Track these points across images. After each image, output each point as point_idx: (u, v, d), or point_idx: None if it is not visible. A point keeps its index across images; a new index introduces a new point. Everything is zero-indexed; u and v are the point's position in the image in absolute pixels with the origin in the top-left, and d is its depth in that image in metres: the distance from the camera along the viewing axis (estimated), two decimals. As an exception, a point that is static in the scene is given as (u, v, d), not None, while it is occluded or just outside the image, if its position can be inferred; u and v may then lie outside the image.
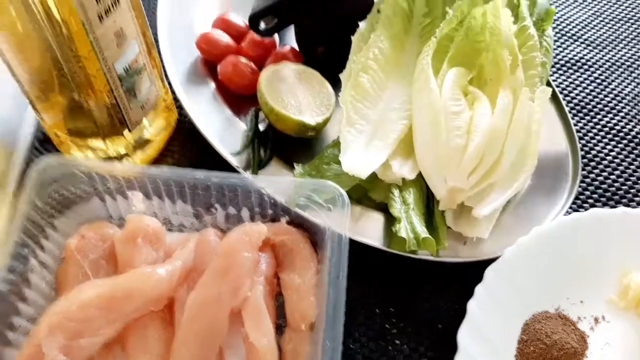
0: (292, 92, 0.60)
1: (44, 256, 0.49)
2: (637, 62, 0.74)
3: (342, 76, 0.59)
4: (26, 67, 0.50)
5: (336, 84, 0.60)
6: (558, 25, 0.78)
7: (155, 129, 0.61)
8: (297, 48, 0.67)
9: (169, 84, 0.62)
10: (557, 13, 0.80)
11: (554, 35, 0.74)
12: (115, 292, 0.46)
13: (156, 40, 0.64)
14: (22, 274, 0.46)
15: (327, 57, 0.65)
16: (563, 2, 0.82)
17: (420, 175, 0.55)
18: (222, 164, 0.57)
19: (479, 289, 0.48)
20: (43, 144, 0.62)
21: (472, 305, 0.48)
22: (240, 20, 0.69)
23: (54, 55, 0.47)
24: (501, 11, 0.57)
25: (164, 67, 0.62)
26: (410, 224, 0.50)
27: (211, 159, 0.60)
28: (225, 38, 0.66)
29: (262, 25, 0.62)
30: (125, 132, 0.55)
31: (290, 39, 0.69)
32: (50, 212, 0.50)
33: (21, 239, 0.47)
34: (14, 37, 0.47)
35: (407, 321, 0.53)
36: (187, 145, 0.63)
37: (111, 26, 0.46)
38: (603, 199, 0.62)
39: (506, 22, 0.57)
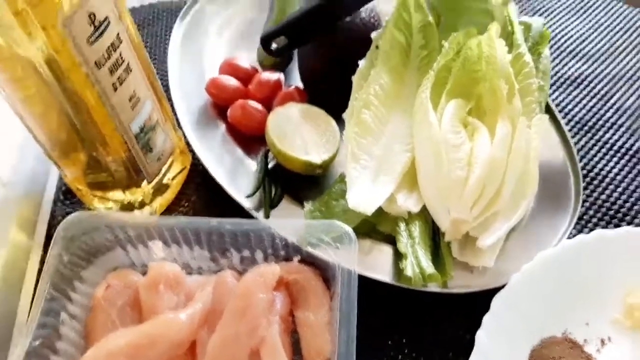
0: (298, 131, 0.62)
1: (73, 308, 0.52)
2: (636, 75, 0.75)
3: (344, 115, 0.61)
4: (45, 130, 0.53)
5: (341, 121, 0.63)
6: (556, 42, 0.79)
7: (171, 173, 0.64)
8: (301, 86, 0.70)
9: (181, 128, 0.65)
10: (553, 28, 0.81)
11: (552, 52, 0.75)
12: (140, 339, 0.49)
13: (167, 86, 0.67)
14: (54, 327, 0.50)
15: (331, 95, 0.67)
16: (559, 18, 0.83)
17: (425, 208, 0.57)
18: (235, 205, 0.59)
19: (486, 319, 0.50)
20: (67, 195, 0.66)
21: (480, 335, 0.49)
22: (247, 62, 0.72)
23: (70, 120, 0.50)
24: (495, 42, 0.59)
25: (175, 113, 0.65)
26: (416, 258, 0.52)
27: (225, 199, 0.63)
28: (233, 82, 0.69)
29: (274, 46, 0.65)
30: (144, 183, 0.58)
31: (295, 79, 0.72)
32: (77, 264, 0.53)
33: (51, 294, 0.50)
34: (33, 105, 0.50)
35: (419, 351, 0.54)
36: (201, 187, 0.66)
37: (125, 92, 0.50)
38: (606, 217, 0.63)
39: (501, 52, 0.59)
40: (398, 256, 0.55)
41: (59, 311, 0.50)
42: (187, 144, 0.67)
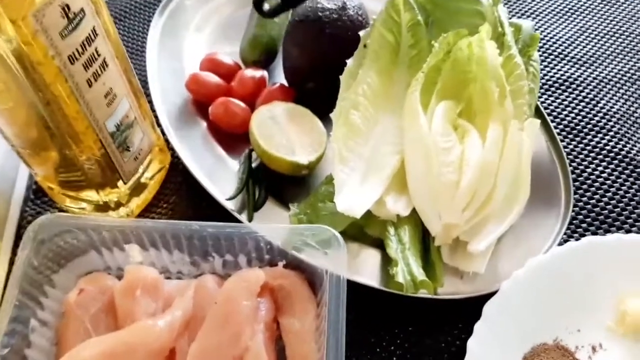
0: (284, 132, 0.60)
1: (44, 314, 0.49)
2: (624, 79, 0.75)
3: (332, 115, 0.59)
4: (14, 127, 0.50)
5: (327, 121, 0.61)
6: (544, 44, 0.79)
7: (149, 172, 0.61)
8: (286, 84, 0.68)
9: (160, 126, 0.62)
10: (541, 31, 0.81)
11: (540, 55, 0.74)
12: (116, 348, 0.46)
13: (145, 82, 0.65)
14: (23, 335, 0.47)
15: (317, 94, 0.66)
16: (547, 20, 0.82)
17: (414, 211, 0.55)
18: (217, 205, 0.57)
19: (478, 327, 0.49)
20: (37, 194, 0.63)
21: (472, 343, 0.48)
22: (229, 58, 0.69)
23: (41, 116, 0.47)
24: (486, 43, 0.58)
25: (154, 110, 0.62)
26: (407, 265, 0.50)
27: (207, 200, 0.61)
28: (214, 78, 0.66)
29: (266, 6, 0.63)
30: (120, 183, 0.55)
31: (279, 76, 0.70)
32: (48, 267, 0.50)
33: (20, 300, 0.47)
34: (1, 100, 0.47)
35: (409, 359, 0.53)
36: (181, 188, 0.64)
37: (100, 89, 0.47)
38: (596, 223, 0.62)
39: (492, 54, 0.57)
40: (386, 260, 0.54)
41: (28, 318, 0.48)
42: (167, 142, 0.64)
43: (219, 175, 0.60)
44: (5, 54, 0.42)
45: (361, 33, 0.62)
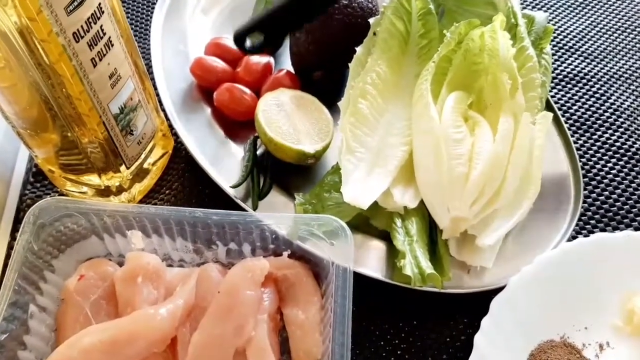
0: (290, 120, 0.59)
1: (43, 299, 0.48)
2: (635, 74, 0.74)
3: (340, 104, 0.58)
4: (15, 106, 0.49)
5: (334, 109, 0.60)
6: (555, 38, 0.77)
7: (152, 158, 0.60)
8: (293, 72, 0.66)
9: (163, 111, 0.61)
10: (552, 25, 0.79)
11: (550, 49, 0.73)
12: (117, 336, 0.45)
13: (148, 66, 0.63)
14: (21, 320, 0.46)
15: (325, 82, 0.64)
16: (559, 14, 0.81)
17: (422, 203, 0.54)
18: (221, 193, 0.56)
19: (485, 322, 0.48)
20: (37, 177, 0.61)
21: (479, 338, 0.47)
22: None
23: (43, 95, 0.46)
24: (499, 33, 0.56)
25: (158, 94, 0.61)
26: (415, 258, 0.50)
27: (210, 187, 0.60)
28: (219, 63, 0.65)
29: (248, 43, 0.61)
30: (122, 167, 0.54)
31: (286, 63, 0.68)
32: (48, 252, 0.49)
33: (19, 285, 0.46)
34: (2, 78, 0.46)
35: (414, 353, 0.52)
36: (184, 174, 0.63)
37: (105, 69, 0.45)
38: (605, 219, 0.61)
39: (504, 45, 0.56)
40: (392, 253, 0.53)
41: (27, 303, 0.47)
42: (170, 127, 0.63)
43: (223, 162, 0.59)
44: (10, 31, 0.40)
45: (371, 20, 0.61)
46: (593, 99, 0.71)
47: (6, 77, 0.45)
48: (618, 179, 0.64)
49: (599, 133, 0.68)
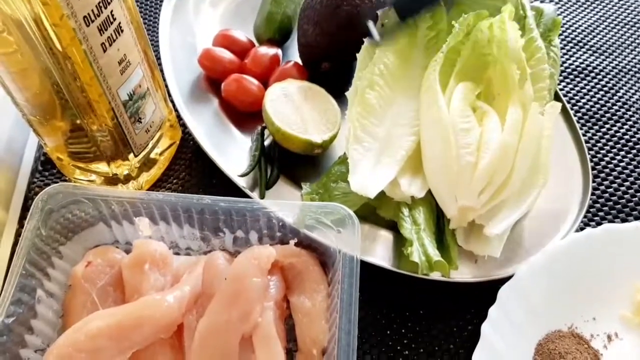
0: (298, 110, 0.59)
1: (50, 285, 0.48)
2: (644, 69, 0.73)
3: (348, 94, 0.58)
4: (25, 92, 0.49)
5: (342, 100, 0.60)
6: (563, 31, 0.77)
7: (160, 148, 0.60)
8: (301, 63, 0.66)
9: (172, 101, 0.61)
10: (561, 19, 0.79)
11: (559, 42, 0.73)
12: (124, 321, 0.45)
13: (157, 56, 0.63)
14: (29, 305, 0.46)
15: (332, 73, 0.64)
16: (567, 8, 0.81)
17: (429, 193, 0.54)
18: (228, 182, 0.56)
19: (492, 311, 0.48)
20: (46, 165, 0.62)
21: (486, 327, 0.47)
22: (243, 35, 0.68)
23: (54, 81, 0.46)
24: (508, 24, 0.56)
25: (166, 85, 0.61)
26: (422, 246, 0.49)
27: (217, 177, 0.60)
28: (227, 55, 0.65)
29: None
30: (131, 155, 0.54)
31: (294, 55, 0.69)
32: (55, 239, 0.50)
33: (27, 270, 0.46)
34: (13, 63, 0.46)
35: (420, 343, 0.52)
36: (192, 164, 0.63)
37: (115, 55, 0.46)
38: (614, 211, 0.61)
39: (513, 36, 0.56)
40: (399, 242, 0.53)
41: (35, 288, 0.47)
42: (178, 118, 0.63)
43: (231, 152, 0.59)
44: (24, 17, 0.41)
45: (379, 12, 0.61)
46: (602, 93, 0.70)
47: (17, 62, 0.45)
48: (627, 171, 0.64)
49: (607, 126, 0.67)
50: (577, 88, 0.71)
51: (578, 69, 0.73)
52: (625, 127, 0.67)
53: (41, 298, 0.47)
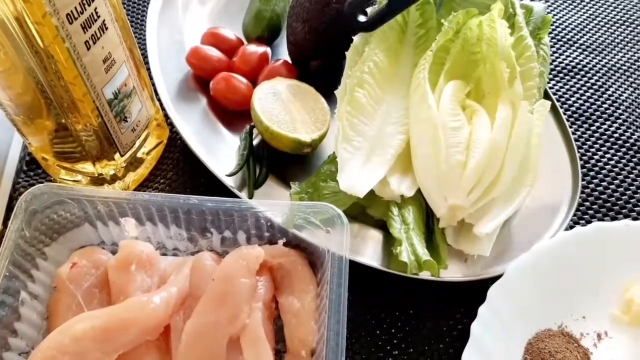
0: (287, 108, 0.59)
1: (35, 287, 0.48)
2: (633, 67, 0.73)
3: (337, 93, 0.57)
4: (9, 92, 0.48)
5: (331, 99, 0.59)
6: (553, 30, 0.77)
7: (146, 147, 0.59)
8: (290, 61, 0.66)
9: (159, 100, 0.60)
10: (551, 17, 0.79)
11: (549, 41, 0.73)
12: (109, 323, 0.45)
13: (144, 54, 0.63)
14: (12, 307, 0.45)
15: (322, 71, 0.64)
16: (557, 6, 0.81)
17: (419, 192, 0.54)
18: (216, 182, 0.55)
19: (482, 310, 0.47)
20: (31, 165, 0.61)
21: (475, 326, 0.47)
22: (231, 33, 0.67)
23: (38, 80, 0.45)
24: (497, 22, 0.56)
25: (153, 84, 0.60)
26: (411, 245, 0.49)
27: (205, 177, 0.59)
28: (216, 53, 0.64)
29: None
30: (117, 155, 0.53)
31: (283, 53, 0.68)
32: (40, 240, 0.49)
33: (10, 272, 0.45)
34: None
35: (410, 342, 0.52)
36: (180, 163, 0.62)
37: (99, 53, 0.45)
38: (603, 210, 0.61)
39: (503, 34, 0.56)
40: (389, 242, 0.52)
41: (18, 290, 0.46)
42: (165, 117, 0.62)
43: (219, 151, 0.58)
44: (5, 15, 0.40)
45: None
46: (591, 91, 0.71)
47: (0, 61, 0.45)
48: (616, 169, 0.64)
49: (597, 124, 0.67)
50: (566, 86, 0.71)
51: (568, 67, 0.73)
52: (615, 125, 0.67)
53: (25, 300, 0.46)
